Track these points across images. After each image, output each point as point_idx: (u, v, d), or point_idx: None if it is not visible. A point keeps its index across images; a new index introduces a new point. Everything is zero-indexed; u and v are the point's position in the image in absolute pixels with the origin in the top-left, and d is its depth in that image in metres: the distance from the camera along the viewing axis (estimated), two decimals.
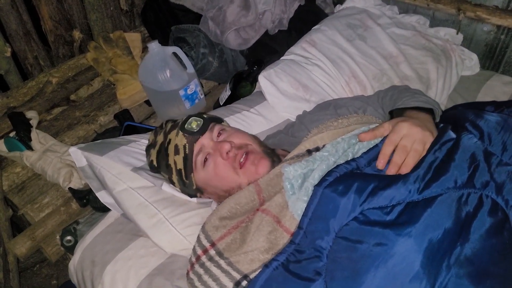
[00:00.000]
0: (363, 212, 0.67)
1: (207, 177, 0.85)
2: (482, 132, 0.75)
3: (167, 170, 0.89)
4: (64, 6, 1.48)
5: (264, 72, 1.16)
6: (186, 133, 0.86)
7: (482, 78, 1.29)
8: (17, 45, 1.41)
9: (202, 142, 0.85)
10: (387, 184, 0.69)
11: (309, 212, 0.71)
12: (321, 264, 0.67)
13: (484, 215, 0.65)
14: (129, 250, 0.90)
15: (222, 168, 0.83)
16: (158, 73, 1.19)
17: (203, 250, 0.78)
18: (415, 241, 0.62)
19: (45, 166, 1.16)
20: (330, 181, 0.71)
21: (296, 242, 0.71)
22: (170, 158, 0.87)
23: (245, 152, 0.84)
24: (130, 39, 1.53)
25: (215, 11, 1.34)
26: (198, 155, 0.85)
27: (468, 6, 1.32)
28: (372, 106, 0.98)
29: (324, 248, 0.68)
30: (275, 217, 0.76)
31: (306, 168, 0.78)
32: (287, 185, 0.77)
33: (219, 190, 0.86)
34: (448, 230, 0.63)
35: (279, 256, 0.70)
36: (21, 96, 1.38)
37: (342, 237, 0.67)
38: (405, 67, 1.23)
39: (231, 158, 0.83)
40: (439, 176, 0.69)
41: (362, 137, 0.79)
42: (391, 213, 0.67)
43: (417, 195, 0.67)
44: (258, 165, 0.83)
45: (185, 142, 0.85)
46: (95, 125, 1.35)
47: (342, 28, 1.30)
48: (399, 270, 0.61)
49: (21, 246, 1.10)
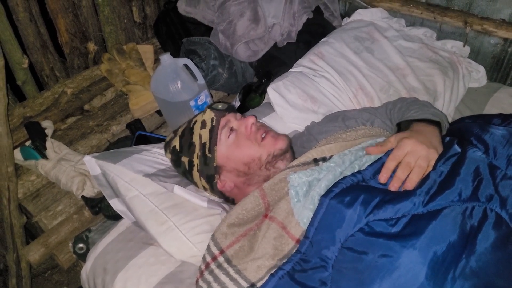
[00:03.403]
0: (369, 224, 0.68)
1: (229, 150, 0.89)
2: (487, 146, 0.75)
3: (189, 151, 0.92)
4: (80, 20, 1.52)
5: (273, 84, 1.19)
6: (214, 109, 0.93)
7: (489, 90, 1.30)
8: (34, 57, 1.46)
9: (228, 118, 0.92)
10: (392, 197, 0.70)
11: (315, 222, 0.72)
12: (326, 274, 0.68)
13: (489, 229, 0.66)
14: (140, 258, 0.92)
15: (244, 139, 0.89)
16: (169, 84, 1.22)
17: (212, 258, 0.79)
18: (420, 253, 0.63)
19: (59, 175, 1.19)
20: (336, 192, 0.72)
21: (302, 251, 0.72)
22: (195, 135, 0.92)
23: (265, 130, 0.91)
24: (143, 50, 1.57)
25: (226, 24, 1.38)
26: (224, 128, 0.90)
27: (475, 19, 1.33)
28: (380, 118, 1.00)
29: (330, 258, 0.69)
30: (281, 223, 0.77)
31: (311, 176, 0.80)
32: (292, 192, 0.78)
33: (239, 164, 0.89)
34: (453, 243, 0.64)
35: (285, 265, 0.71)
36: (37, 106, 1.42)
37: (348, 248, 0.68)
38: (412, 79, 1.25)
39: (254, 131, 0.90)
40: (443, 190, 0.69)
41: (369, 151, 0.81)
42: (396, 225, 0.67)
43: (422, 208, 0.68)
44: (277, 138, 0.90)
45: (213, 115, 0.92)
46: (108, 134, 1.38)
47: (350, 41, 1.32)
48: (404, 282, 0.62)
49: (35, 253, 1.12)
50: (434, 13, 1.41)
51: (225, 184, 0.92)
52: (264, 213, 0.81)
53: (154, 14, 1.72)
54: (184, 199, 0.92)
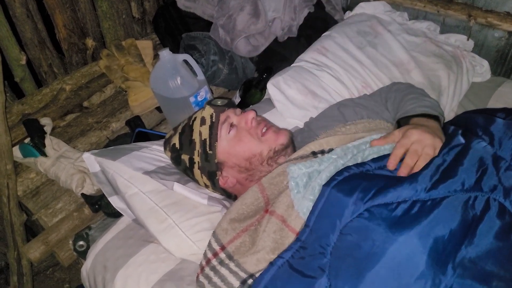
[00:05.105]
0: (369, 209, 0.68)
1: (230, 145, 0.88)
2: (492, 137, 0.75)
3: (189, 148, 0.91)
4: (78, 15, 1.51)
5: (272, 79, 1.17)
6: (213, 105, 0.91)
7: (493, 85, 1.28)
8: (32, 53, 1.45)
9: (227, 114, 0.90)
10: (394, 183, 0.70)
11: (316, 211, 0.72)
12: (324, 261, 0.68)
13: (491, 219, 0.65)
14: (140, 256, 0.91)
15: (245, 134, 0.88)
16: (169, 80, 1.21)
17: (213, 254, 0.79)
18: (420, 241, 0.62)
19: (59, 172, 1.18)
20: (338, 180, 0.73)
21: (302, 239, 0.72)
22: (195, 132, 0.90)
23: (266, 125, 0.90)
24: (142, 46, 1.55)
25: (225, 19, 1.36)
26: (224, 123, 0.89)
27: (479, 12, 1.31)
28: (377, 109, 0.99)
29: (328, 244, 0.68)
30: (281, 216, 0.77)
31: (311, 167, 0.79)
32: (292, 184, 0.78)
33: (240, 160, 0.88)
34: (454, 232, 0.63)
35: (285, 253, 0.71)
36: (35, 103, 1.41)
37: (347, 234, 0.68)
38: (416, 74, 1.23)
39: (254, 126, 0.89)
40: (446, 179, 0.69)
41: (374, 143, 0.81)
42: (396, 210, 0.67)
43: (424, 194, 0.68)
44: (279, 133, 0.89)
45: (212, 111, 0.90)
46: (107, 131, 1.37)
47: (352, 35, 1.30)
48: (403, 269, 0.61)
49: (35, 250, 1.12)
50: (437, 6, 1.39)
51: (227, 180, 0.91)
52: (264, 208, 0.81)
53: (153, 9, 1.71)
54: (184, 196, 0.91)
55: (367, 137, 0.85)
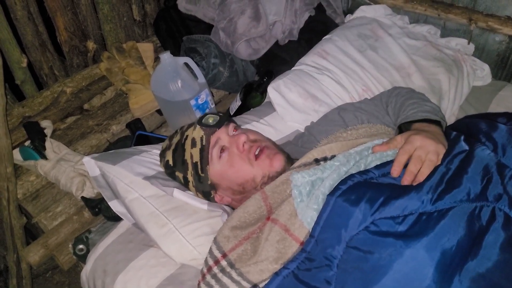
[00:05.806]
0: (375, 222, 0.67)
1: (222, 169, 0.86)
2: (496, 143, 0.74)
3: (182, 167, 0.90)
4: (79, 18, 1.51)
5: (273, 83, 1.17)
6: (203, 126, 0.88)
7: (494, 89, 1.28)
8: (33, 56, 1.45)
9: (218, 135, 0.88)
10: (399, 194, 0.69)
11: (321, 221, 0.71)
12: (331, 273, 0.67)
13: (497, 230, 0.65)
14: (140, 260, 0.91)
15: (237, 159, 0.85)
16: (169, 83, 1.21)
17: (214, 261, 0.79)
18: (427, 254, 0.62)
19: (59, 175, 1.18)
20: (343, 189, 0.72)
21: (307, 250, 0.71)
22: (186, 152, 0.89)
23: (259, 146, 0.86)
24: (143, 49, 1.55)
25: (226, 22, 1.36)
26: (214, 147, 0.87)
27: (479, 16, 1.31)
28: (378, 114, 0.99)
29: (335, 257, 0.68)
30: (283, 225, 0.76)
31: (314, 175, 0.79)
32: (296, 192, 0.77)
33: (233, 184, 0.87)
34: (460, 244, 0.63)
35: (290, 264, 0.71)
36: (36, 105, 1.41)
37: (353, 247, 0.67)
38: (417, 78, 1.23)
39: (246, 150, 0.85)
40: (451, 189, 0.68)
41: (376, 149, 0.81)
42: (403, 223, 0.66)
43: (430, 206, 0.67)
44: (273, 158, 0.85)
45: (202, 134, 0.88)
46: (107, 134, 1.37)
47: (353, 38, 1.30)
48: (410, 283, 0.61)
49: (35, 254, 1.11)
50: (438, 10, 1.39)
51: (223, 199, 0.91)
52: (266, 216, 0.80)
53: (154, 11, 1.71)
54: (184, 202, 0.91)
55: (369, 143, 0.84)
